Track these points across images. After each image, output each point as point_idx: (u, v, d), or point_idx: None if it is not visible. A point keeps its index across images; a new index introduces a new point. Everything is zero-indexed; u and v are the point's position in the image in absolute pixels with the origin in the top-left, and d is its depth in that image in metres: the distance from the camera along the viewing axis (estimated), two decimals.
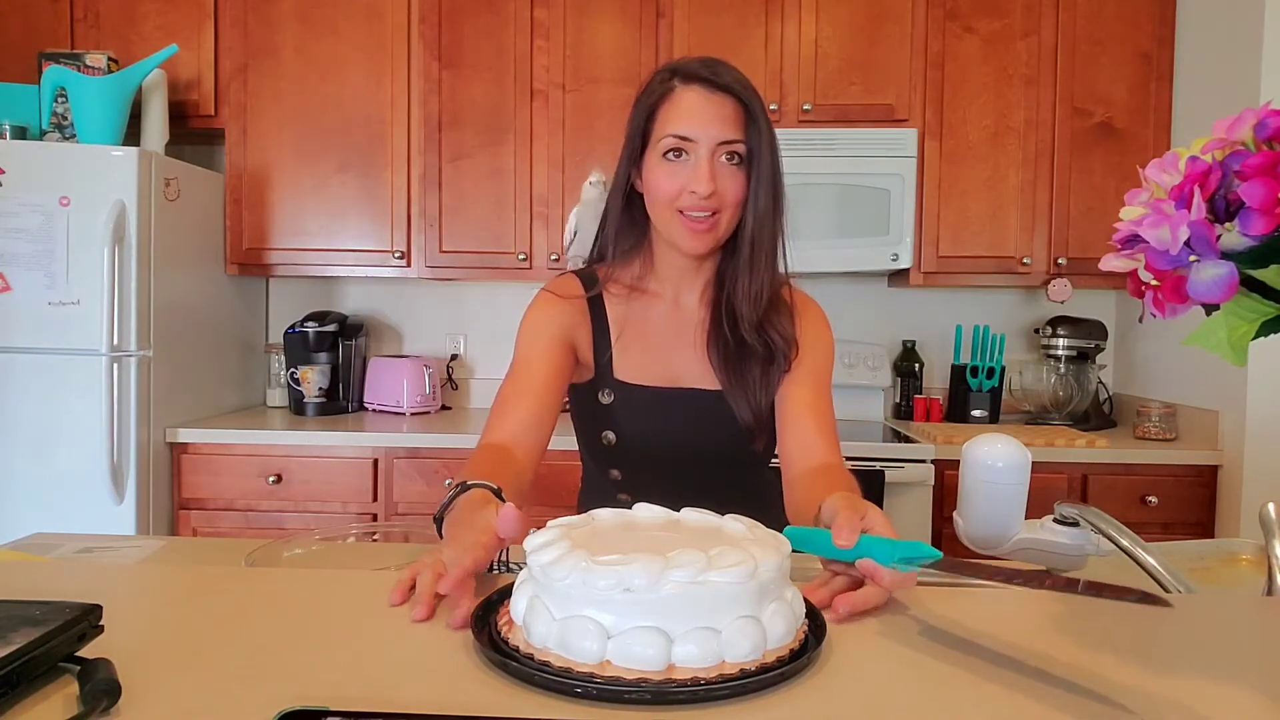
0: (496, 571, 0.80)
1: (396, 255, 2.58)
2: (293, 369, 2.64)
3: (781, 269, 1.09)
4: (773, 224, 1.05)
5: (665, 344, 1.12)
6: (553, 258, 2.54)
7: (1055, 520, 0.89)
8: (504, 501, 0.80)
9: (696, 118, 1.00)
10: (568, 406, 1.18)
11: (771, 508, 1.18)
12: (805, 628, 0.60)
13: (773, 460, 1.23)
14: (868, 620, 0.66)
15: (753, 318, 1.07)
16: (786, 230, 1.07)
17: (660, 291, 1.13)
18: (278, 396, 2.79)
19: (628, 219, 1.10)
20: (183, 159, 2.49)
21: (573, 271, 1.16)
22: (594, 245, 1.15)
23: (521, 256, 2.55)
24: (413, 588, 0.68)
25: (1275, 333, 0.53)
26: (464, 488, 0.82)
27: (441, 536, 0.81)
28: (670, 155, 1.01)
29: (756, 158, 1.02)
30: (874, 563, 0.66)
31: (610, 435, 1.12)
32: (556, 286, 1.13)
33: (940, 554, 0.65)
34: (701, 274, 1.12)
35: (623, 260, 1.11)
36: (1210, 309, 0.54)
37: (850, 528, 0.69)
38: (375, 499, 2.34)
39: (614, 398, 1.11)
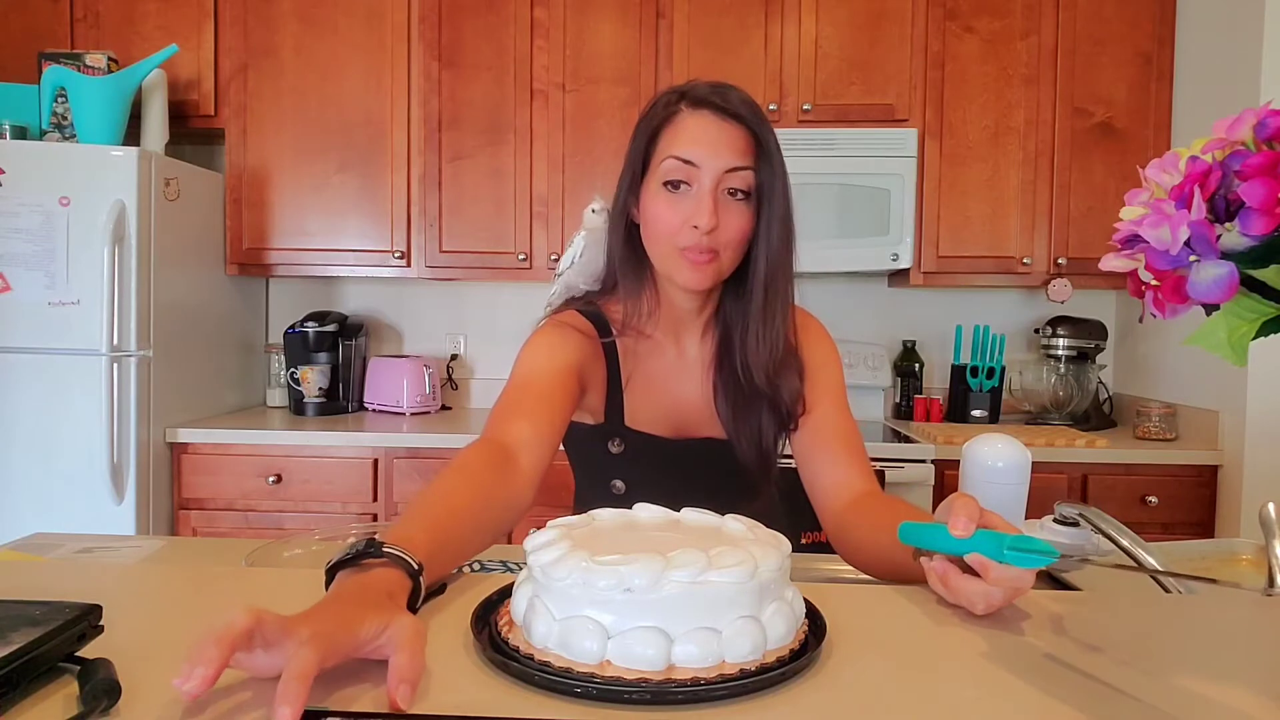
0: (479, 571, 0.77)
1: (396, 255, 2.58)
2: (293, 369, 2.64)
3: (792, 304, 1.03)
4: (786, 265, 0.99)
5: (671, 390, 1.07)
6: (553, 257, 2.54)
7: (1055, 520, 0.89)
8: (419, 585, 0.61)
9: (702, 142, 0.93)
10: (565, 448, 1.11)
11: (771, 515, 1.18)
12: (805, 628, 0.60)
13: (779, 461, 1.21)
14: (868, 620, 0.66)
15: (768, 368, 1.01)
16: (796, 266, 1.01)
17: (661, 338, 1.08)
18: (278, 396, 2.79)
19: (630, 251, 1.03)
20: (183, 159, 2.49)
21: (576, 310, 1.07)
22: (605, 278, 1.08)
23: (521, 256, 2.55)
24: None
25: (1275, 333, 0.53)
26: (374, 550, 0.60)
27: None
28: (670, 185, 0.94)
29: (768, 193, 0.95)
30: (983, 557, 0.64)
31: (620, 484, 1.07)
32: (569, 318, 1.04)
33: (1058, 554, 0.61)
34: (702, 315, 1.07)
35: (632, 297, 1.03)
36: (1210, 309, 0.54)
37: (968, 517, 0.65)
38: (375, 499, 2.34)
39: (625, 447, 1.05)
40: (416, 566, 0.62)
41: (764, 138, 0.95)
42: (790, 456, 1.09)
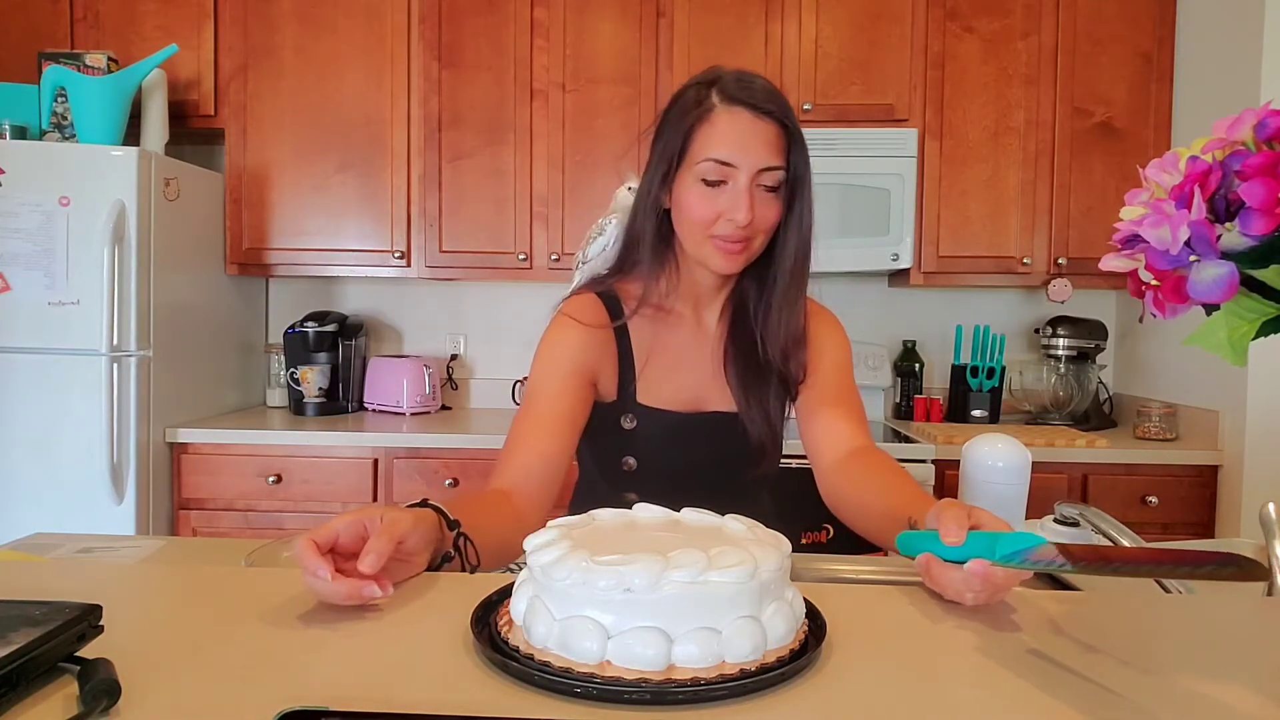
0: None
1: (396, 255, 2.58)
2: (293, 369, 2.64)
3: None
4: (810, 250, 1.05)
5: (686, 365, 1.10)
6: (553, 257, 2.54)
7: (1055, 520, 0.89)
8: (459, 532, 0.78)
9: (739, 143, 0.96)
10: None
11: (773, 512, 1.19)
12: (805, 628, 0.60)
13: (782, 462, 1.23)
14: (868, 620, 0.66)
15: (785, 345, 1.06)
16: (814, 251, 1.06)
17: (682, 311, 1.11)
18: (278, 396, 2.79)
19: (658, 234, 1.06)
20: (183, 159, 2.49)
21: (594, 292, 1.09)
22: (620, 259, 1.11)
23: (521, 256, 2.55)
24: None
25: (1275, 333, 0.53)
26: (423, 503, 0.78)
27: None
28: (709, 182, 0.98)
29: (800, 183, 1.00)
30: (985, 564, 0.63)
31: (631, 460, 1.09)
32: (578, 312, 1.06)
33: (1044, 540, 0.62)
34: (723, 291, 1.11)
35: (654, 277, 1.07)
36: (1210, 309, 0.54)
37: (958, 525, 0.67)
38: (375, 499, 2.34)
39: (637, 423, 1.08)
40: (419, 500, 0.77)
41: (793, 129, 0.99)
42: (802, 457, 1.11)
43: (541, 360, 1.04)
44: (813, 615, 0.63)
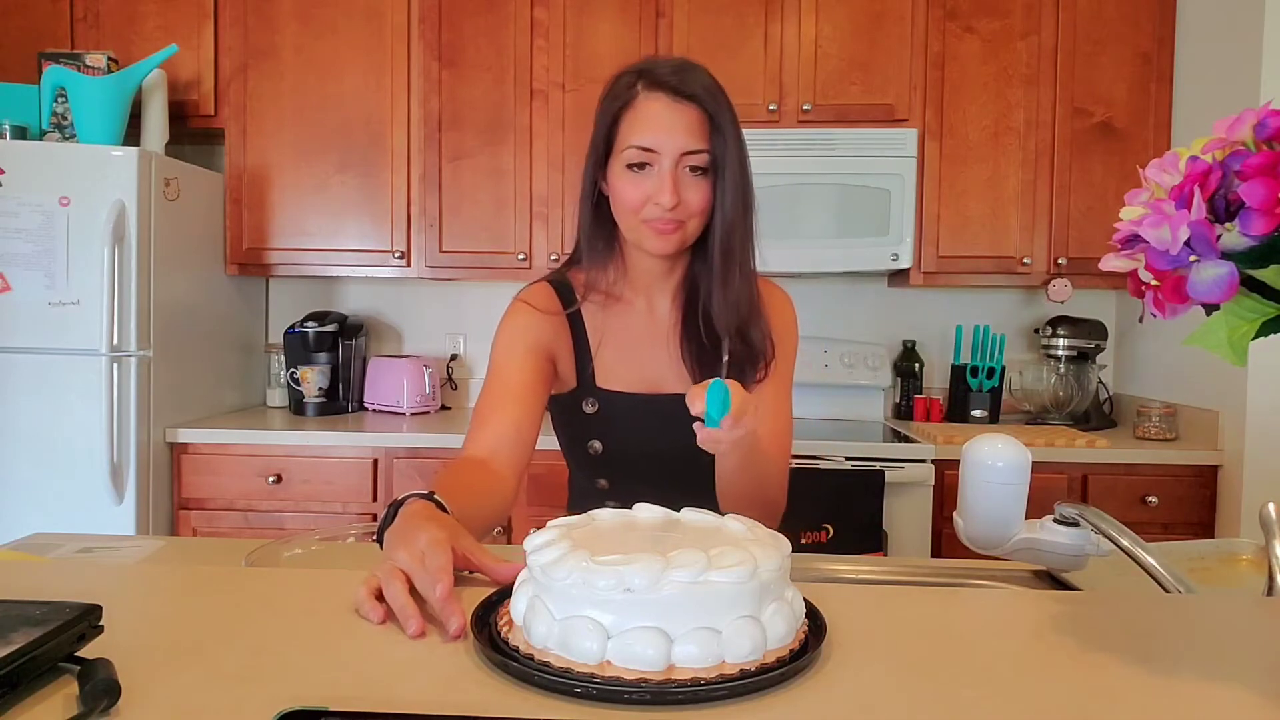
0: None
1: (396, 255, 2.58)
2: (293, 369, 2.64)
3: (754, 267, 1.09)
4: (743, 230, 1.05)
5: (643, 350, 1.12)
6: (552, 257, 2.54)
7: (1055, 520, 0.89)
8: (446, 510, 0.79)
9: (660, 128, 0.99)
10: (551, 423, 1.18)
11: None
12: (805, 628, 0.60)
13: None
14: (867, 620, 0.66)
15: (733, 326, 1.06)
16: (757, 231, 1.07)
17: (633, 298, 1.13)
18: (278, 396, 2.79)
19: (598, 223, 1.09)
20: (183, 159, 2.49)
21: (546, 281, 1.14)
22: (573, 251, 1.15)
23: (521, 256, 2.55)
24: (381, 600, 0.65)
25: (1275, 333, 0.53)
26: (400, 503, 0.79)
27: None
28: (634, 167, 1.01)
29: (722, 166, 1.01)
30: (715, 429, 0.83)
31: (596, 444, 1.12)
32: (532, 298, 1.11)
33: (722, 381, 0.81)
34: (672, 277, 1.12)
35: (598, 265, 1.10)
36: (1210, 309, 0.54)
37: (702, 405, 0.82)
38: (375, 499, 2.34)
39: (598, 406, 1.11)
40: (428, 492, 0.80)
41: (717, 115, 1.00)
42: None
43: (501, 341, 1.09)
44: (813, 615, 0.63)
